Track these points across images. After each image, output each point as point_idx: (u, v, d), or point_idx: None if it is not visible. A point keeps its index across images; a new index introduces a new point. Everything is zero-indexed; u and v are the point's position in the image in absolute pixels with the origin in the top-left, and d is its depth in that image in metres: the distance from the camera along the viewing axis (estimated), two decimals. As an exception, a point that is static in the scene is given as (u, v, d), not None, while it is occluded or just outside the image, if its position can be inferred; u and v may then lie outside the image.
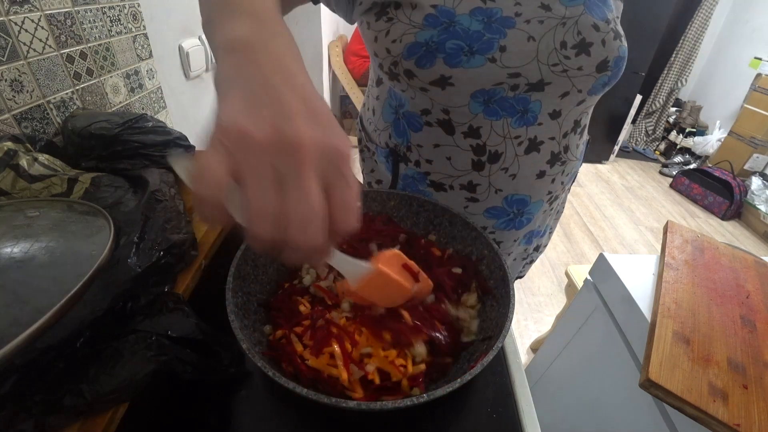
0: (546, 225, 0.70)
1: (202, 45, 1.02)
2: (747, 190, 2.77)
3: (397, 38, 0.47)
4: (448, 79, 0.47)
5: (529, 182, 0.56)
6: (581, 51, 0.47)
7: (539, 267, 2.15)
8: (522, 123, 0.50)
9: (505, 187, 0.56)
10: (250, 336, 0.38)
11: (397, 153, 0.59)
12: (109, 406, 0.30)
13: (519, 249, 0.68)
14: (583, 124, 0.57)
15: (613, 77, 0.50)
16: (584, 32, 0.47)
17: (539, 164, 0.54)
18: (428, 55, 0.46)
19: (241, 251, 0.44)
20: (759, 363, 0.56)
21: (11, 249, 0.35)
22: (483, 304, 0.47)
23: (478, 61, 0.46)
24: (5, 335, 0.28)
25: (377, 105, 0.61)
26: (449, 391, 0.32)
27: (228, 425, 0.39)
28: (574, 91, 0.49)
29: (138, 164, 0.54)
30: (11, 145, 0.47)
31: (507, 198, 0.57)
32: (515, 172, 0.54)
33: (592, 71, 0.48)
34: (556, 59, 0.47)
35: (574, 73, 0.48)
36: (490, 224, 0.60)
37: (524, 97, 0.49)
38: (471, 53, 0.45)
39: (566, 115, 0.52)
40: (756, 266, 0.76)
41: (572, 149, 0.57)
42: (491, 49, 0.46)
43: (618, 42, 0.49)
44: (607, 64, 0.48)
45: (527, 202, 0.58)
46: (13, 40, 0.53)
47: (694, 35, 3.33)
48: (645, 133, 3.84)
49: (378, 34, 0.49)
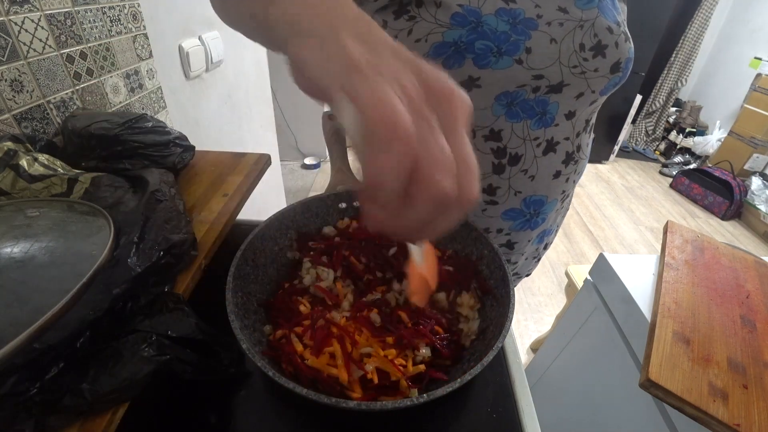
0: (556, 223, 0.70)
1: (202, 45, 1.02)
2: (747, 190, 2.77)
3: (422, 37, 0.45)
4: (475, 81, 0.46)
5: (546, 182, 0.56)
6: (598, 53, 0.47)
7: (539, 267, 2.15)
8: (540, 125, 0.51)
9: (525, 189, 0.56)
10: (250, 336, 0.38)
11: None
12: (109, 406, 0.30)
13: (531, 248, 0.69)
14: (591, 123, 0.57)
15: (623, 78, 0.51)
16: (600, 35, 0.47)
17: (555, 164, 0.55)
18: (456, 55, 0.45)
19: (241, 251, 0.44)
20: (759, 363, 0.56)
21: (11, 249, 0.35)
22: (483, 304, 0.47)
23: (506, 63, 0.45)
24: (5, 335, 0.28)
25: None
26: (449, 391, 0.32)
27: (228, 425, 0.39)
28: (588, 92, 0.50)
29: (138, 164, 0.54)
30: (11, 145, 0.47)
31: (526, 199, 0.57)
32: (534, 173, 0.54)
33: (607, 72, 0.49)
34: (575, 61, 0.47)
35: (591, 75, 0.48)
36: (507, 226, 0.60)
37: (544, 99, 0.49)
38: (500, 54, 0.45)
39: (579, 115, 0.53)
40: (756, 266, 0.76)
41: (584, 148, 0.58)
42: (518, 51, 0.45)
43: (628, 44, 0.50)
44: (620, 65, 0.49)
45: (544, 203, 0.59)
46: (13, 40, 0.53)
47: (694, 35, 3.33)
48: (645, 133, 3.84)
49: (398, 33, 0.46)
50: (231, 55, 1.19)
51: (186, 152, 0.60)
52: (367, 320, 0.42)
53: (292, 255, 0.52)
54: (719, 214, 2.85)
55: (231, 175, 0.63)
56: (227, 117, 1.22)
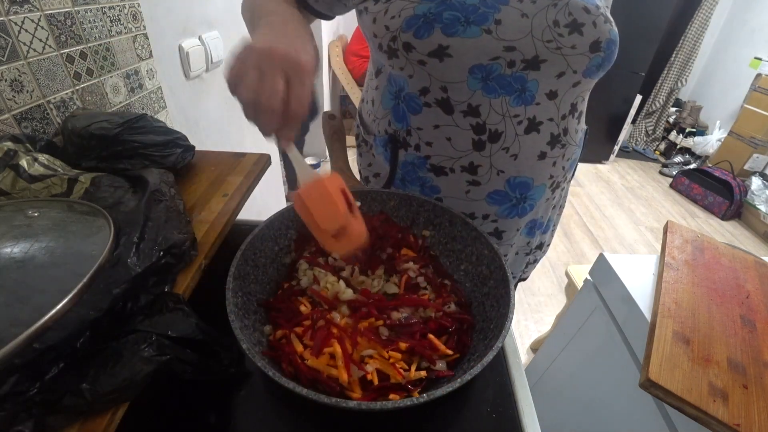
0: (548, 218, 0.70)
1: (202, 45, 1.02)
2: (747, 190, 2.77)
3: (396, 14, 0.50)
4: (445, 49, 0.48)
5: (531, 163, 0.56)
6: (574, 30, 0.49)
7: (539, 267, 2.14)
8: (520, 102, 0.52)
9: (507, 168, 0.56)
10: (250, 336, 0.38)
11: (396, 139, 0.60)
12: (109, 406, 0.30)
13: (521, 241, 0.68)
14: (579, 110, 0.57)
15: (606, 60, 0.52)
16: (575, 13, 0.49)
17: (540, 145, 0.55)
18: (426, 25, 0.48)
19: (241, 251, 0.44)
20: (759, 363, 0.56)
21: (11, 249, 0.35)
22: (483, 304, 0.47)
23: (474, 32, 0.48)
24: (5, 335, 0.28)
25: (376, 95, 0.62)
26: (449, 391, 0.32)
27: (228, 425, 0.39)
28: (569, 71, 0.51)
29: (138, 164, 0.54)
30: (11, 145, 0.47)
31: (509, 180, 0.57)
32: (516, 152, 0.55)
33: (586, 50, 0.50)
34: (550, 36, 0.49)
35: (568, 51, 0.50)
36: (493, 211, 0.60)
37: (521, 75, 0.50)
38: (467, 23, 0.48)
39: (563, 96, 0.53)
40: (756, 266, 0.76)
41: (571, 133, 0.58)
42: (486, 21, 0.48)
43: (609, 26, 0.51)
44: (600, 44, 0.50)
45: (530, 186, 0.58)
46: (13, 40, 0.53)
47: (694, 35, 3.33)
48: (645, 133, 3.84)
49: (377, 15, 0.52)
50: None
51: (186, 152, 0.60)
52: (374, 332, 0.42)
53: (289, 258, 0.52)
54: (719, 214, 2.85)
55: (231, 175, 0.63)
56: (227, 117, 1.22)
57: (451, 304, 0.47)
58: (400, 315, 0.44)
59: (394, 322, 0.43)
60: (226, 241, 0.51)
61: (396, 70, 0.55)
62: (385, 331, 0.42)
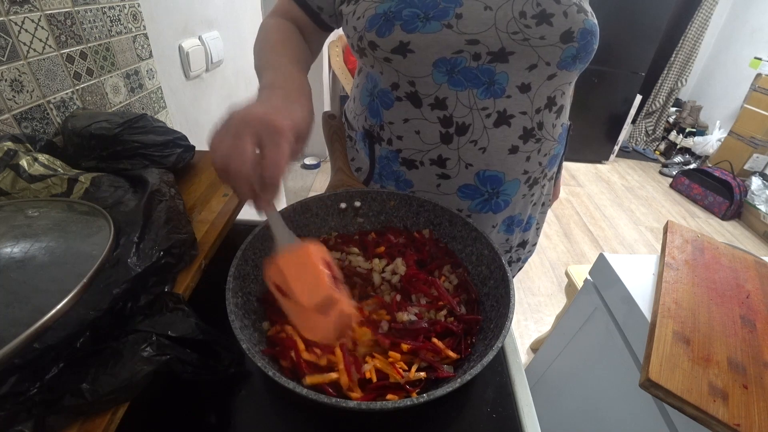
0: (528, 215, 0.69)
1: (202, 45, 1.02)
2: (747, 190, 2.77)
3: (361, 14, 0.51)
4: (407, 45, 0.49)
5: (501, 157, 0.56)
6: (542, 21, 0.48)
7: (539, 267, 2.15)
8: (489, 95, 0.51)
9: (476, 162, 0.56)
10: (250, 336, 0.38)
11: (371, 134, 0.61)
12: (109, 406, 0.30)
13: (499, 238, 0.68)
14: (559, 104, 0.56)
15: (582, 50, 0.51)
16: (544, 4, 0.49)
17: (511, 139, 0.55)
18: (387, 23, 0.49)
19: (241, 251, 0.44)
20: (759, 363, 0.56)
21: (11, 249, 0.35)
22: (482, 304, 0.47)
23: (434, 27, 0.48)
24: (5, 335, 0.28)
25: (357, 92, 0.63)
26: (449, 391, 0.32)
27: (228, 425, 0.39)
28: (541, 63, 0.50)
29: (138, 164, 0.54)
30: (11, 145, 0.47)
31: (479, 174, 0.57)
32: (485, 145, 0.54)
33: (557, 41, 0.49)
34: (515, 27, 0.48)
35: (537, 43, 0.49)
36: (465, 206, 0.60)
37: (489, 68, 0.50)
38: (426, 19, 0.48)
39: (537, 90, 0.53)
40: (756, 266, 0.76)
41: (547, 127, 0.57)
42: (447, 16, 0.48)
43: (583, 15, 0.50)
44: (572, 34, 0.49)
45: (501, 180, 0.58)
46: (13, 40, 0.53)
47: (694, 35, 3.33)
48: (645, 133, 3.84)
49: (348, 17, 0.54)
50: (231, 55, 1.19)
51: (186, 152, 0.60)
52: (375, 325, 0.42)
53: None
54: (719, 214, 2.85)
55: (231, 175, 0.62)
56: (227, 117, 1.22)
57: (462, 306, 0.47)
58: (406, 317, 0.44)
59: (398, 325, 0.43)
60: (226, 241, 0.51)
61: (368, 67, 0.57)
62: (385, 326, 0.42)
